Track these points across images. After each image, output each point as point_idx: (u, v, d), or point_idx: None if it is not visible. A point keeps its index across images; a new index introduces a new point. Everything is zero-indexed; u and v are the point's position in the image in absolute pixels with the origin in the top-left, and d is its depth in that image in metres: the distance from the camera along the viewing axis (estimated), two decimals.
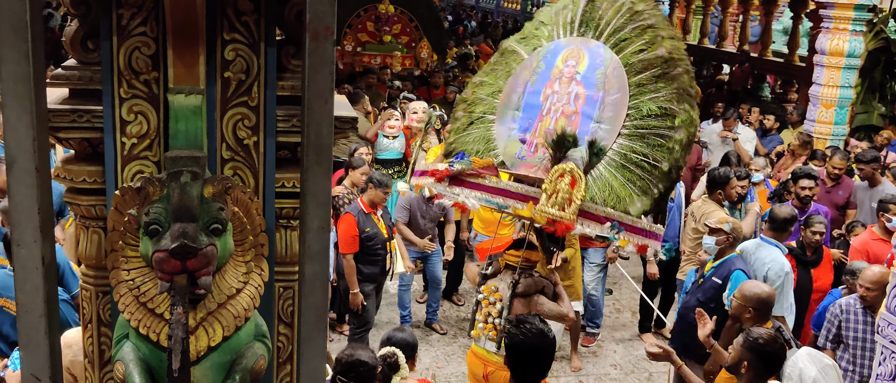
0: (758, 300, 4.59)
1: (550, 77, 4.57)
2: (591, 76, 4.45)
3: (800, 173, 7.12)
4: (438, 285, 7.47)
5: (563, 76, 4.52)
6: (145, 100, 2.16)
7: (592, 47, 4.56)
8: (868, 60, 10.66)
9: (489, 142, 4.66)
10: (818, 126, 10.06)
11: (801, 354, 4.27)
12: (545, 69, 4.62)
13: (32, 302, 1.76)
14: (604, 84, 4.40)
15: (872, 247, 6.24)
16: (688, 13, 18.20)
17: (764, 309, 4.60)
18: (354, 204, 6.37)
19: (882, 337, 4.32)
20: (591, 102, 4.41)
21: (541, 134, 4.45)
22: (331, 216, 2.15)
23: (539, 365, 3.78)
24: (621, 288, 8.61)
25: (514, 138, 4.57)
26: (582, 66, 4.51)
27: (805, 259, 6.23)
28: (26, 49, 1.63)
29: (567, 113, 4.44)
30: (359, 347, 3.97)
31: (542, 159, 4.39)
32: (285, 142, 2.28)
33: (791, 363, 4.19)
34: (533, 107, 4.56)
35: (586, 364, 6.98)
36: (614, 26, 4.56)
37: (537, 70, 4.65)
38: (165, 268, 1.96)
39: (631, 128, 4.34)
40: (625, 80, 4.38)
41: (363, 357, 3.77)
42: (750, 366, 3.89)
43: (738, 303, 4.66)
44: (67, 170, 2.26)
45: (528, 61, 4.73)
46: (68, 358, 3.55)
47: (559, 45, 4.67)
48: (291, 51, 2.25)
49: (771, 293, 4.69)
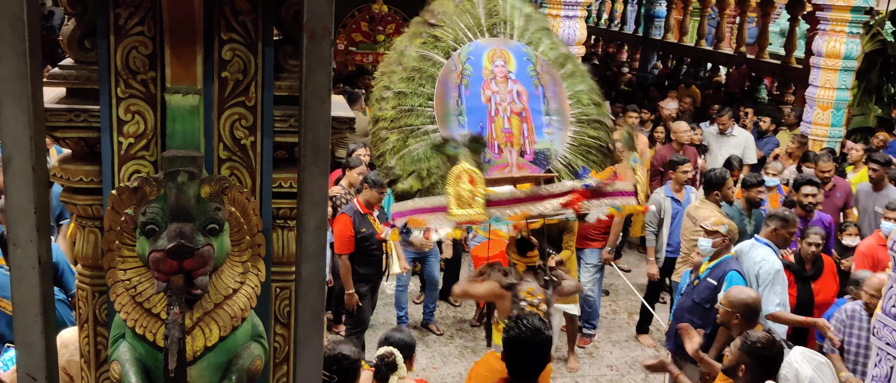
0: (744, 306, 4.61)
1: (484, 78, 4.58)
2: (523, 73, 4.57)
3: (801, 181, 6.91)
4: (435, 286, 7.47)
5: (497, 76, 4.57)
6: (142, 100, 2.16)
7: (513, 46, 4.66)
8: (865, 62, 10.69)
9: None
10: (814, 128, 10.07)
11: (795, 354, 4.28)
12: (474, 71, 4.59)
13: (28, 301, 1.76)
14: (538, 79, 4.58)
15: (878, 253, 6.08)
16: (685, 14, 18.23)
17: (750, 314, 4.62)
18: (350, 204, 6.37)
19: (878, 338, 4.33)
20: (534, 98, 4.56)
21: (498, 135, 4.48)
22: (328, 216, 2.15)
23: (536, 363, 3.79)
24: (618, 289, 8.62)
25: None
26: (511, 64, 4.61)
27: (804, 273, 6.04)
28: (24, 47, 1.63)
29: (516, 110, 4.53)
30: (341, 341, 3.97)
31: (509, 158, 4.44)
32: (282, 143, 2.28)
33: (786, 363, 4.20)
34: (477, 109, 4.54)
35: (583, 364, 6.99)
36: (520, 27, 4.74)
37: (465, 73, 4.60)
38: (162, 267, 1.95)
39: (578, 115, 4.64)
40: (554, 73, 4.63)
41: (345, 351, 3.75)
42: (748, 370, 3.90)
43: (725, 310, 4.68)
44: (64, 170, 2.25)
45: (451, 65, 4.60)
46: (65, 357, 3.54)
47: (479, 46, 4.64)
48: (289, 51, 2.25)
49: (757, 298, 4.71)
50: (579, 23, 9.02)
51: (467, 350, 7.12)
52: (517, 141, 4.47)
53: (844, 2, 9.65)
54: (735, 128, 9.66)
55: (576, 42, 8.92)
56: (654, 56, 18.78)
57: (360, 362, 3.85)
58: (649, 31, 18.67)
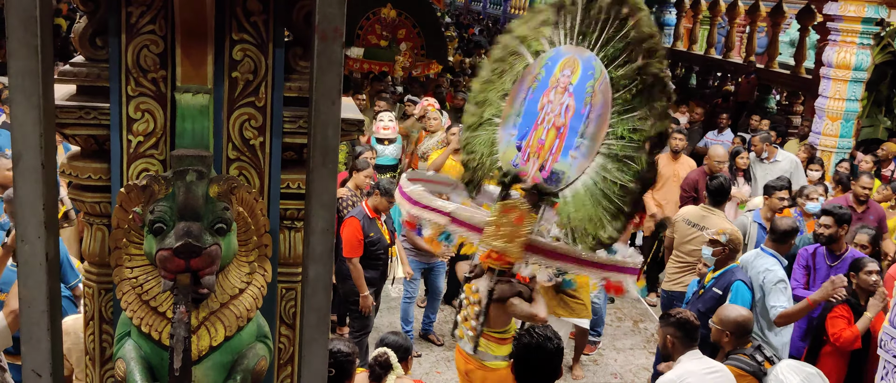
0: (735, 324, 4.60)
1: (548, 85, 4.51)
2: (581, 88, 4.34)
3: (823, 211, 6.19)
4: (438, 296, 7.45)
5: (559, 85, 4.45)
6: (152, 99, 2.16)
7: (586, 58, 4.39)
8: (875, 74, 10.66)
9: (494, 145, 4.66)
10: (823, 138, 10.04)
11: (781, 366, 4.27)
12: (545, 76, 4.55)
13: (35, 297, 1.76)
14: (591, 98, 4.27)
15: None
16: (695, 23, 18.20)
17: (741, 332, 4.60)
18: (359, 208, 6.37)
19: (885, 351, 4.31)
20: (579, 116, 4.30)
21: (533, 144, 4.46)
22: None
23: (546, 374, 3.78)
24: (622, 296, 8.60)
25: (512, 144, 4.56)
26: (575, 76, 4.41)
27: (862, 308, 5.27)
28: (35, 44, 1.63)
29: (557, 124, 4.40)
30: (337, 339, 3.99)
31: (530, 168, 4.41)
32: (291, 144, 2.28)
33: (772, 376, 4.20)
34: (531, 114, 4.53)
35: (587, 372, 6.97)
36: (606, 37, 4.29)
37: (539, 77, 4.58)
38: (169, 266, 1.95)
39: (607, 146, 4.13)
40: (610, 95, 4.19)
41: (341, 346, 3.78)
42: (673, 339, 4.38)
43: (716, 329, 4.68)
44: (73, 167, 2.26)
45: (532, 66, 4.65)
46: (65, 345, 3.55)
47: (559, 53, 4.56)
48: (299, 52, 2.25)
49: (748, 316, 4.69)
50: None
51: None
52: (544, 154, 4.41)
53: (855, 13, 9.62)
54: (779, 154, 8.93)
55: None
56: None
57: (355, 357, 3.86)
58: None
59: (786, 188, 7.07)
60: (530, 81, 4.61)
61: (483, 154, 4.64)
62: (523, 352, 3.78)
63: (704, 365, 4.26)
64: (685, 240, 6.68)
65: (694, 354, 4.31)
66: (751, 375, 4.36)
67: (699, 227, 6.57)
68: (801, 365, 4.34)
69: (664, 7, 18.62)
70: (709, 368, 4.23)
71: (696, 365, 4.24)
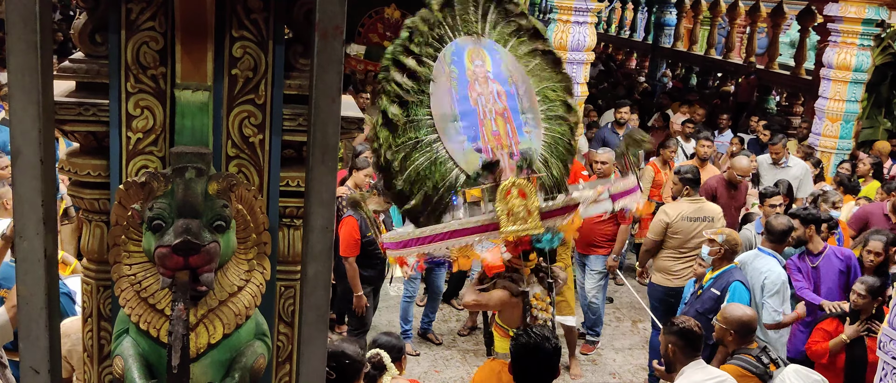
0: (739, 323, 4.59)
1: (468, 79, 4.40)
2: (499, 72, 4.49)
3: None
4: (438, 296, 7.45)
5: (478, 76, 4.42)
6: (152, 96, 2.16)
7: (486, 44, 4.52)
8: (875, 75, 10.66)
9: (443, 163, 4.29)
10: (823, 140, 10.04)
11: (787, 372, 4.27)
12: (459, 72, 4.39)
13: (33, 294, 1.76)
14: (511, 77, 4.51)
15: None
16: (695, 23, 18.22)
17: (745, 331, 4.60)
18: None
19: (884, 353, 4.31)
20: (511, 96, 4.50)
21: (489, 138, 4.41)
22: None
23: (544, 374, 3.77)
24: (621, 296, 8.60)
25: (469, 149, 4.36)
26: (488, 64, 4.50)
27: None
28: (35, 40, 1.63)
29: (499, 111, 4.45)
30: (347, 340, 3.94)
31: (503, 161, 4.40)
32: (291, 141, 2.28)
33: (778, 381, 4.19)
34: (469, 113, 4.37)
35: (585, 372, 6.97)
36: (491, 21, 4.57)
37: (452, 74, 4.37)
38: (168, 263, 1.95)
39: (545, 112, 4.61)
40: (522, 70, 4.57)
41: (348, 350, 3.70)
42: (675, 349, 4.29)
43: (720, 327, 4.67)
44: (72, 164, 2.25)
45: (439, 67, 4.35)
46: (66, 347, 3.55)
47: (458, 46, 4.43)
48: (299, 49, 2.25)
49: (752, 316, 4.69)
50: (589, 29, 9.00)
51: (469, 353, 7.11)
52: (505, 142, 4.41)
53: (856, 14, 9.62)
54: (790, 159, 8.70)
55: (585, 48, 8.90)
56: (664, 64, 18.75)
57: (362, 365, 3.82)
58: (659, 39, 18.64)
59: (778, 194, 7.03)
60: (447, 82, 4.36)
61: (436, 176, 4.27)
62: (521, 352, 3.77)
63: (708, 375, 4.17)
64: (691, 236, 6.61)
65: (697, 365, 4.20)
66: (755, 376, 4.35)
67: (701, 219, 6.55)
68: (808, 372, 4.34)
69: (665, 7, 18.62)
70: (712, 377, 4.16)
71: (700, 375, 4.15)
